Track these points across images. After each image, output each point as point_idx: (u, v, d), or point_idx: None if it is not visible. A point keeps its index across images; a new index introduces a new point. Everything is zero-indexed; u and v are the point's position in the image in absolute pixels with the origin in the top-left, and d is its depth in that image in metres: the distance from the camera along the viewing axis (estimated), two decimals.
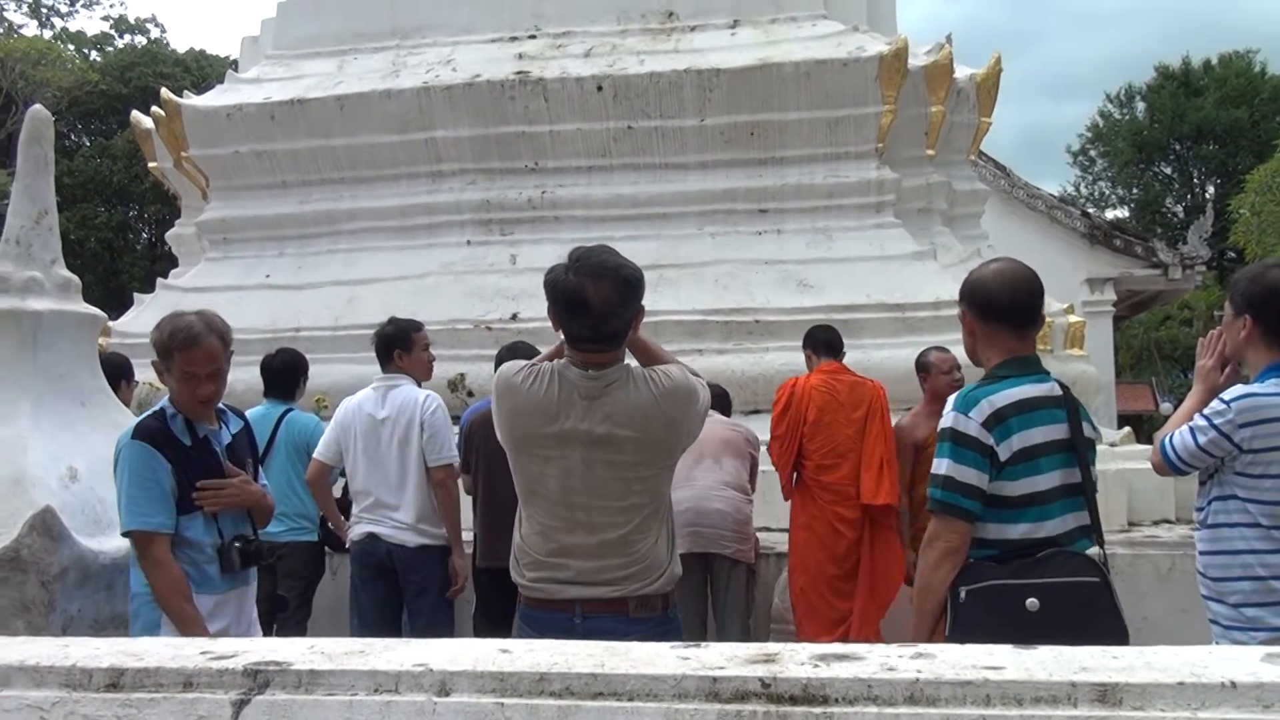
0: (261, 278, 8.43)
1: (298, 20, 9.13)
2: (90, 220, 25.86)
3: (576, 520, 2.82)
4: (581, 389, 2.82)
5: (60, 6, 33.12)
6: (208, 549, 3.22)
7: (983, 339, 2.98)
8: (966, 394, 2.88)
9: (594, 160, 8.16)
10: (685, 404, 2.88)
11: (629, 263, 2.92)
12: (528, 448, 2.88)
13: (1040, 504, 2.79)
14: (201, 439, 3.28)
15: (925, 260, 7.64)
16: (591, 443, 2.79)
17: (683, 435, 2.91)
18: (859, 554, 5.41)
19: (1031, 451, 2.79)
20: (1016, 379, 2.86)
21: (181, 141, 8.60)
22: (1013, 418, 2.79)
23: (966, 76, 8.23)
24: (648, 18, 8.55)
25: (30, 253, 3.87)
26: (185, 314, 3.33)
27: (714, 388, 6.11)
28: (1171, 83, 39.82)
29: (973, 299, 2.99)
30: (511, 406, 2.90)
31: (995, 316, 2.94)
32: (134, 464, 3.11)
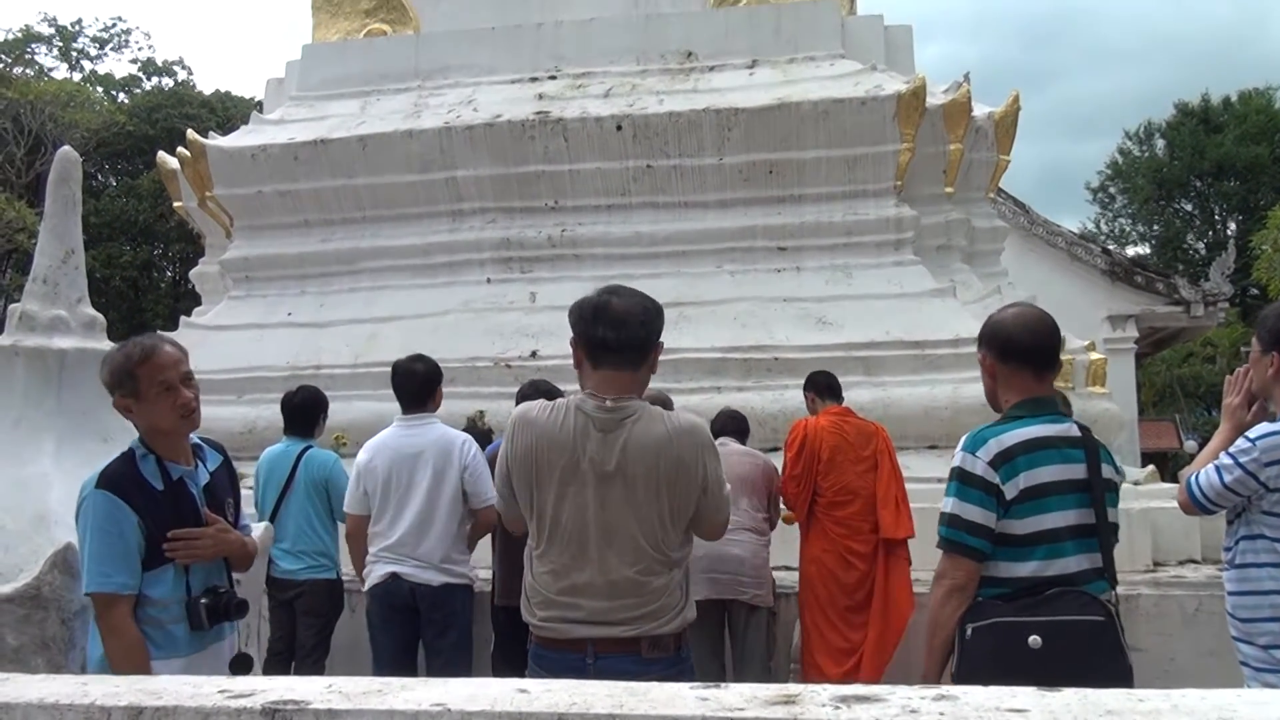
0: (283, 315, 8.50)
1: (322, 62, 9.27)
2: (115, 259, 26.18)
3: (588, 558, 2.80)
4: (597, 421, 2.83)
5: (90, 50, 33.77)
6: (174, 606, 2.90)
7: (1002, 381, 3.00)
8: (976, 434, 2.91)
9: (613, 199, 8.21)
10: (697, 445, 2.87)
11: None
12: (542, 481, 2.86)
13: (1050, 542, 2.79)
14: (175, 481, 2.96)
15: (945, 297, 7.63)
16: (604, 477, 2.79)
17: (694, 476, 2.86)
18: (870, 586, 5.52)
19: (1040, 490, 2.80)
20: (1029, 419, 2.88)
21: (206, 181, 8.72)
22: (1020, 456, 2.81)
23: (985, 114, 8.25)
24: (667, 58, 8.63)
25: (57, 291, 3.91)
26: (125, 342, 3.05)
27: (730, 413, 6.11)
28: (1191, 119, 39.80)
29: (993, 342, 3.01)
30: (527, 439, 2.89)
31: (1015, 359, 2.96)
32: (97, 517, 2.81)
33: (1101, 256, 19.22)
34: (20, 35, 31.48)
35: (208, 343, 8.40)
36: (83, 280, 4.03)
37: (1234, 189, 38.22)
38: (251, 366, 8.09)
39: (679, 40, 8.66)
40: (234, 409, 7.92)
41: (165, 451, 2.96)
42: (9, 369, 3.82)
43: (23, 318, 3.87)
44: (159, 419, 2.94)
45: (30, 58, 31.77)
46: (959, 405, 7.01)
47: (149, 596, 2.87)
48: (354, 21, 9.56)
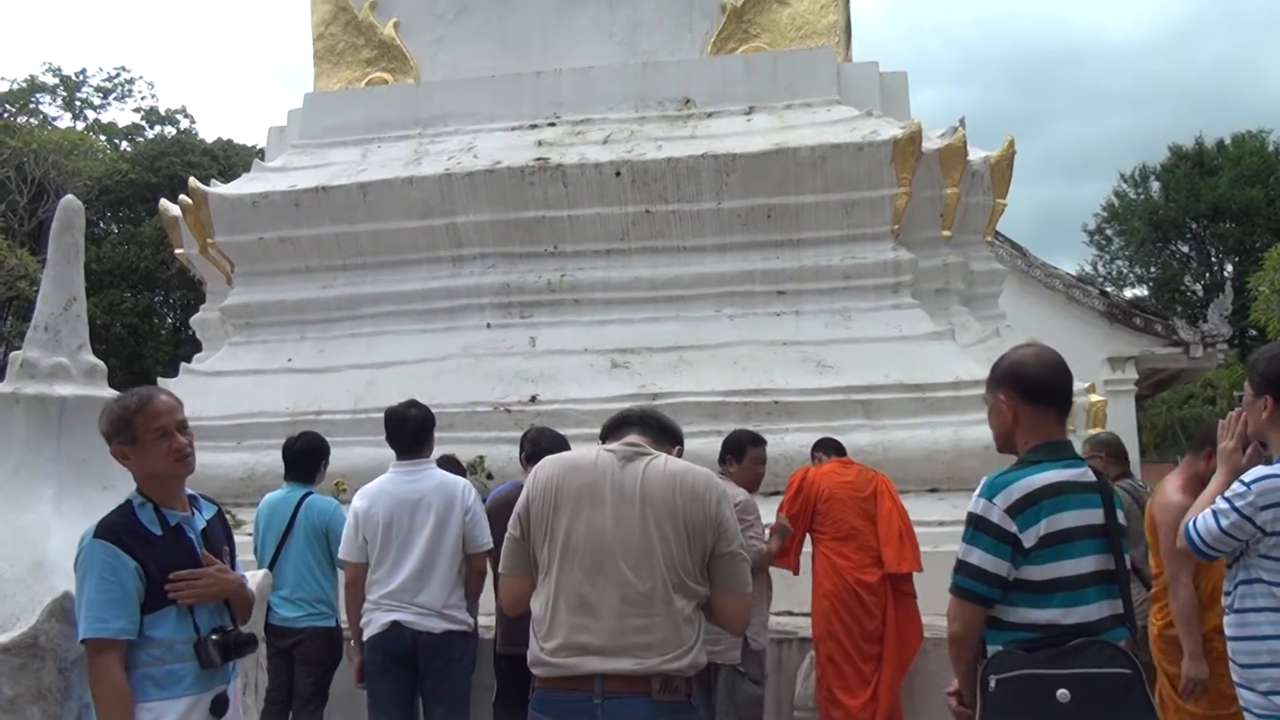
0: (283, 361, 8.51)
1: (324, 111, 9.37)
2: (116, 305, 26.25)
3: (603, 572, 2.81)
4: (619, 453, 2.99)
5: (94, 99, 34.12)
6: (179, 646, 2.98)
7: (1025, 424, 2.92)
8: (995, 479, 2.84)
9: (612, 244, 8.26)
10: (711, 484, 2.97)
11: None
12: (560, 505, 2.92)
13: (1070, 589, 2.74)
14: (173, 527, 3.06)
15: (944, 340, 7.65)
16: (624, 499, 2.88)
17: (708, 509, 2.91)
18: (882, 616, 5.65)
19: (1063, 535, 2.75)
20: (1047, 464, 2.83)
21: (208, 228, 8.77)
22: (1045, 500, 2.76)
23: (980, 159, 8.33)
24: (665, 105, 8.72)
25: (58, 339, 3.92)
26: (123, 393, 3.17)
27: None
28: (1185, 162, 40.10)
29: (1016, 383, 2.93)
30: (550, 471, 3.01)
31: (1041, 401, 2.90)
32: (95, 565, 2.90)
33: (1099, 298, 19.29)
34: (25, 85, 31.83)
35: (208, 389, 8.41)
36: (84, 328, 4.04)
37: (1230, 231, 38.42)
38: (251, 412, 8.09)
39: (676, 87, 8.76)
40: (234, 455, 7.92)
41: (162, 498, 3.06)
42: (9, 416, 3.82)
43: (24, 365, 3.88)
44: (155, 464, 3.05)
45: (35, 107, 32.10)
46: (960, 448, 7.01)
47: (152, 638, 2.94)
48: (355, 70, 9.68)
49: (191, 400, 8.28)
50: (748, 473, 5.52)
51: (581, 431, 6.82)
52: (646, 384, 7.63)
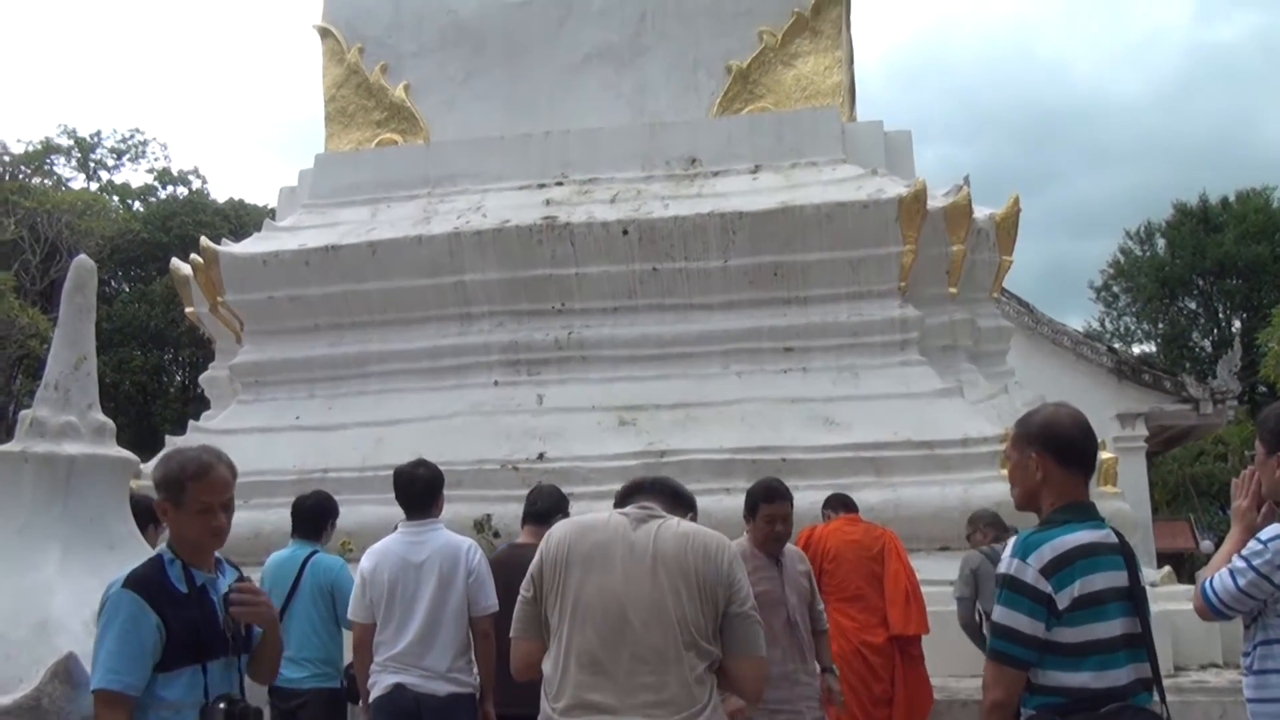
0: (291, 419, 8.52)
1: (334, 171, 9.48)
2: (126, 364, 26.36)
3: (615, 629, 2.79)
4: (632, 515, 3.00)
5: (108, 160, 34.54)
6: (186, 710, 2.96)
7: (1053, 484, 2.88)
8: (1025, 539, 2.80)
9: (620, 301, 8.29)
10: (723, 545, 2.96)
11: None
12: (572, 563, 2.91)
13: (1102, 652, 2.70)
14: (199, 587, 3.10)
15: (952, 397, 7.63)
16: (636, 557, 2.87)
17: (720, 567, 2.89)
18: (890, 678, 5.56)
19: (1094, 598, 2.71)
20: (1075, 524, 2.79)
21: (218, 287, 8.83)
22: (1078, 561, 2.72)
23: (986, 216, 8.37)
24: (671, 164, 8.81)
25: (68, 397, 3.93)
26: (188, 447, 3.25)
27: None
28: (1190, 219, 40.26)
29: (1051, 443, 2.89)
30: (564, 532, 3.02)
31: (1074, 461, 2.88)
32: (120, 616, 2.92)
33: (1108, 355, 19.28)
34: (40, 147, 32.28)
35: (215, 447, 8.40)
36: (94, 386, 4.06)
37: (1237, 287, 38.46)
38: (259, 471, 8.07)
39: (683, 147, 8.85)
40: (241, 514, 7.76)
41: (190, 558, 3.11)
42: (17, 475, 3.82)
43: (33, 424, 3.89)
44: (190, 532, 3.11)
45: (49, 168, 32.52)
46: (970, 506, 6.95)
47: (163, 698, 2.94)
48: (366, 131, 9.81)
49: None
50: (760, 531, 4.95)
51: (589, 489, 6.79)
52: (654, 441, 7.61)
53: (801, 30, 9.05)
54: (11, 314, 21.24)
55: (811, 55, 9.08)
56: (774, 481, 5.05)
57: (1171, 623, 6.50)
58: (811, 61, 9.06)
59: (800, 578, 4.95)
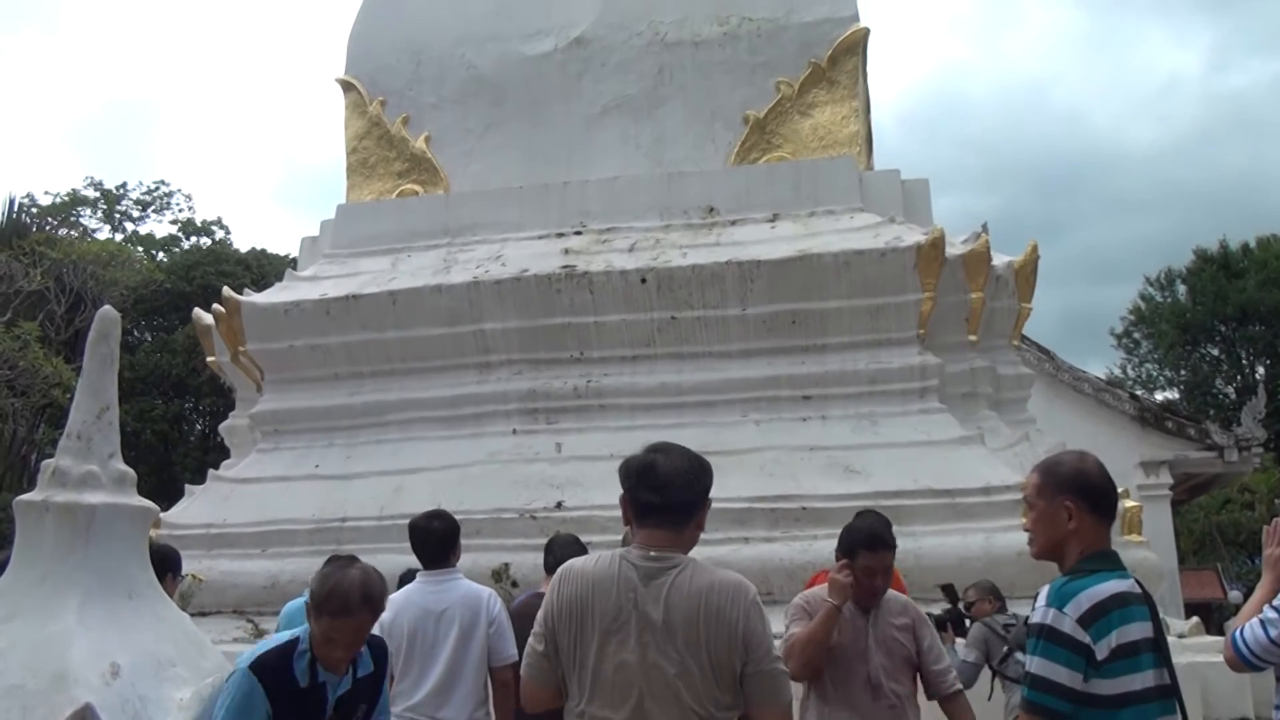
0: (310, 468, 8.53)
1: (355, 221, 9.58)
2: (147, 413, 26.51)
3: (630, 708, 2.73)
4: (642, 570, 2.82)
5: (133, 212, 35.04)
6: None
7: (1085, 532, 2.84)
8: (1060, 588, 2.75)
9: (638, 350, 8.30)
10: (738, 599, 2.81)
11: (696, 452, 3.03)
12: (585, 630, 2.82)
13: (1137, 704, 2.65)
14: (319, 684, 3.26)
15: (973, 445, 7.58)
16: (647, 626, 2.76)
17: (734, 630, 2.78)
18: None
19: (1131, 649, 2.67)
20: (1106, 574, 2.75)
21: (240, 337, 8.90)
22: (1114, 611, 2.68)
23: (1004, 264, 8.36)
24: (689, 213, 8.85)
25: (90, 447, 3.95)
26: (349, 572, 3.28)
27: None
28: (1211, 266, 40.11)
29: (1083, 491, 2.86)
30: (573, 588, 2.88)
31: (1104, 510, 2.85)
32: (237, 695, 3.14)
33: (1130, 402, 19.11)
34: (67, 199, 32.79)
35: (235, 496, 8.43)
36: (116, 436, 4.07)
37: (1259, 333, 38.18)
38: (277, 519, 8.08)
39: (701, 196, 8.90)
40: (258, 563, 7.89)
41: (321, 656, 3.26)
42: (39, 524, 3.83)
43: (55, 473, 3.90)
44: (317, 647, 3.26)
45: (76, 220, 32.99)
46: (992, 555, 6.88)
47: None
48: (387, 182, 9.92)
49: (217, 507, 8.35)
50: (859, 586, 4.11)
51: (607, 538, 6.74)
52: None
53: (818, 81, 9.13)
54: (36, 364, 21.42)
55: (828, 105, 9.15)
56: (878, 525, 4.25)
57: (1201, 675, 6.38)
58: (828, 111, 9.13)
59: (897, 634, 4.14)
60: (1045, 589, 2.80)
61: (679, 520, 2.89)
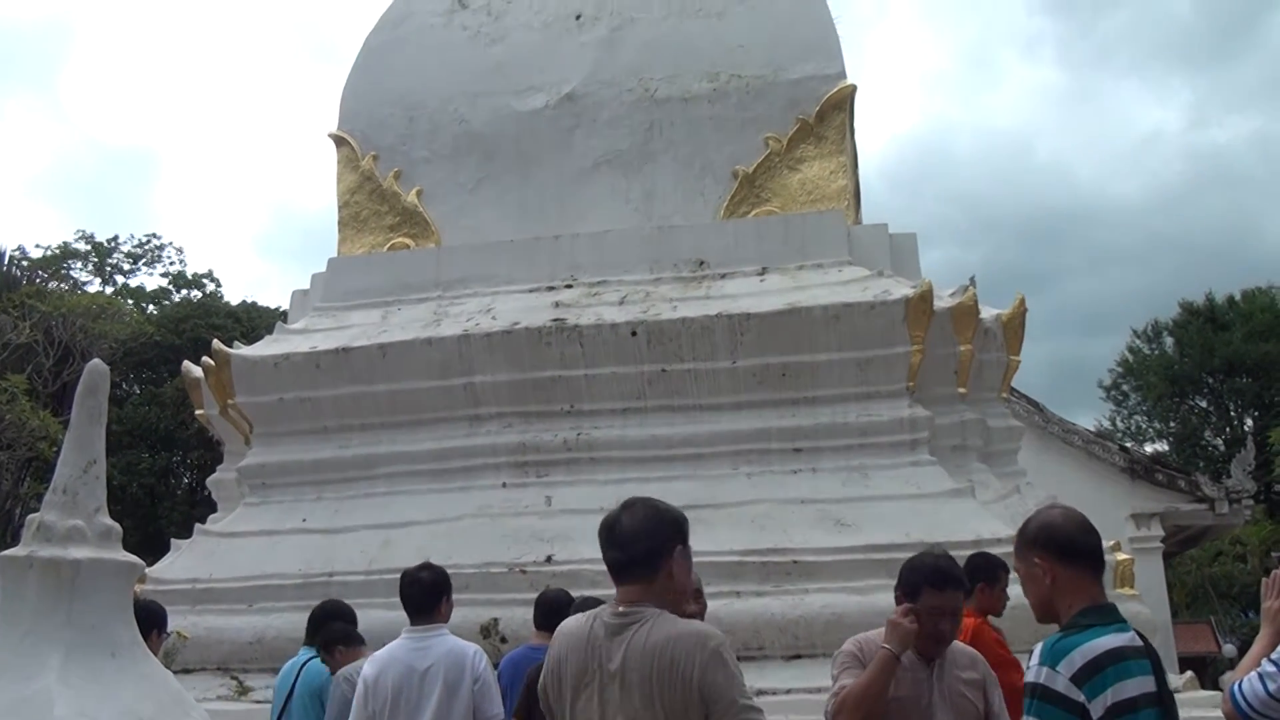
0: (298, 522, 8.46)
1: (346, 274, 9.60)
2: (134, 466, 26.32)
3: None
4: (609, 626, 2.89)
5: (124, 265, 35.07)
6: None
7: (1063, 585, 2.82)
8: (1053, 645, 2.72)
9: (629, 402, 8.29)
10: (695, 649, 2.78)
11: (668, 505, 3.06)
12: (563, 687, 2.91)
13: None
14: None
15: (964, 498, 7.56)
16: (609, 680, 2.80)
17: (689, 682, 2.75)
18: None
19: (1128, 705, 2.63)
20: (1100, 628, 2.72)
21: (229, 389, 8.87)
22: (1109, 668, 2.64)
23: (992, 316, 8.41)
24: (679, 266, 8.90)
25: (75, 501, 3.93)
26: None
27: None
28: (1197, 318, 40.41)
29: (1050, 545, 2.85)
30: (557, 648, 3.00)
31: (1079, 560, 2.83)
32: None
33: (1120, 454, 19.14)
34: (58, 252, 32.81)
35: (221, 550, 8.35)
36: (102, 490, 4.05)
37: (1247, 386, 38.37)
38: (264, 574, 8.00)
39: (690, 249, 8.96)
40: (244, 619, 7.79)
41: None
42: (22, 580, 3.79)
43: (40, 528, 3.88)
44: None
45: (66, 273, 33.00)
46: None
47: None
48: (379, 236, 9.96)
49: (203, 562, 8.27)
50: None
51: (598, 592, 6.68)
52: None
53: (806, 136, 9.24)
54: (23, 417, 21.32)
55: (816, 160, 9.24)
56: (944, 560, 3.77)
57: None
58: (816, 166, 9.23)
59: (965, 689, 3.67)
60: (1039, 646, 2.77)
61: (645, 573, 2.93)
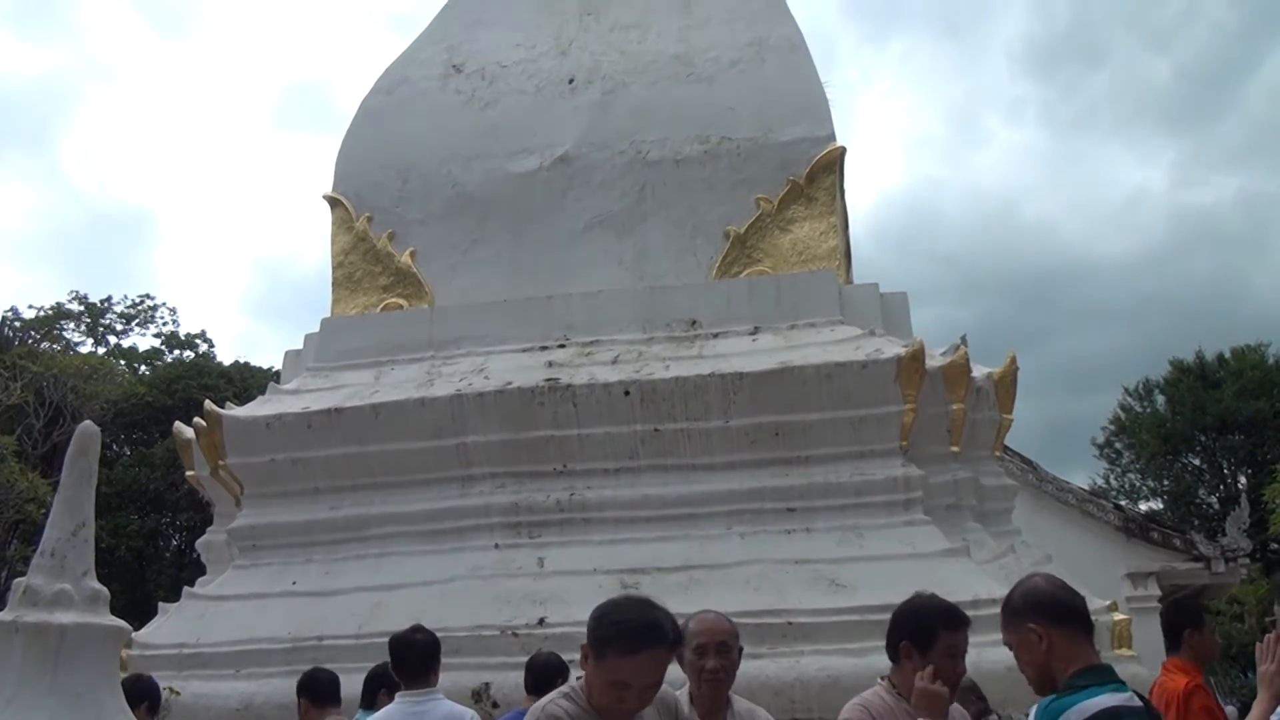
0: (288, 584, 8.37)
1: (340, 335, 9.61)
2: (123, 528, 26.09)
3: None
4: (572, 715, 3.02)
5: (117, 325, 35.11)
6: None
7: (1059, 648, 2.81)
8: (1048, 706, 2.71)
9: (622, 462, 8.27)
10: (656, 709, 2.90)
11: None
12: None
13: None
14: None
15: (959, 557, 7.52)
16: None
17: None
18: None
19: None
20: (1097, 688, 2.70)
21: (220, 450, 8.83)
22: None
23: (984, 375, 8.43)
24: (672, 326, 8.93)
25: (63, 565, 3.89)
26: None
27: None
28: (1188, 376, 40.59)
29: (1043, 609, 2.86)
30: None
31: (1071, 620, 2.83)
32: None
33: (1114, 512, 19.11)
34: (51, 312, 32.85)
35: (209, 614, 8.25)
36: (90, 553, 4.02)
37: (1239, 443, 38.44)
38: (252, 638, 7.89)
39: (683, 309, 9.00)
40: (231, 684, 7.67)
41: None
42: (7, 645, 3.74)
43: (27, 592, 3.84)
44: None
45: (59, 333, 33.00)
46: (981, 670, 6.73)
47: None
48: (372, 296, 9.99)
49: (191, 626, 8.16)
50: (939, 668, 3.48)
51: None
52: None
53: (797, 197, 9.33)
54: (11, 478, 21.17)
55: (807, 220, 9.33)
56: (940, 599, 3.81)
57: None
58: (807, 227, 9.31)
59: None
60: (1034, 708, 2.75)
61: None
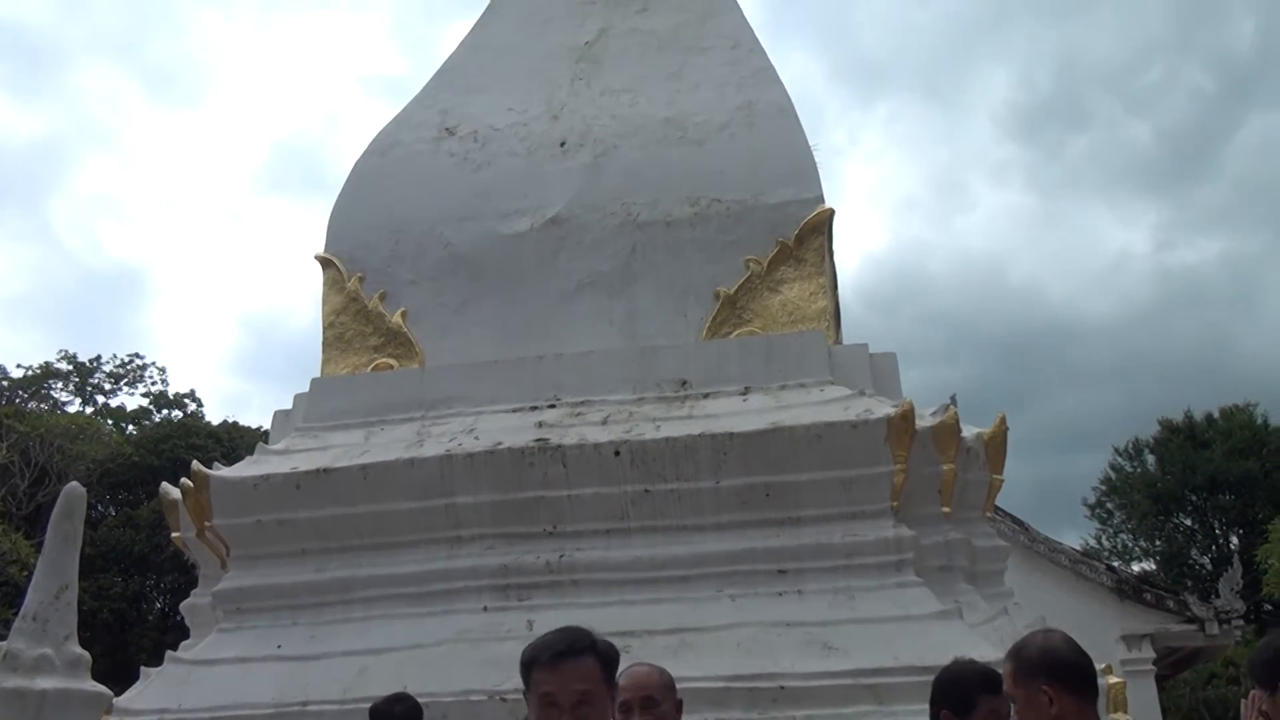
0: (272, 648, 8.26)
1: (329, 395, 9.59)
2: (106, 590, 25.76)
3: None
4: None
5: (105, 385, 34.99)
6: None
7: (1067, 714, 2.77)
8: None
9: (612, 523, 8.22)
10: None
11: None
12: None
13: None
14: None
15: (951, 619, 7.47)
16: None
17: None
18: None
19: None
20: None
21: (206, 511, 8.75)
22: None
23: (974, 435, 8.44)
24: (662, 386, 8.94)
25: (45, 629, 3.85)
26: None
27: None
28: (1178, 436, 40.73)
29: (1057, 671, 2.80)
30: None
31: (1081, 686, 2.78)
32: None
33: (1107, 574, 19.04)
34: (39, 372, 32.75)
35: (192, 678, 8.11)
36: (73, 617, 3.98)
37: (1230, 503, 38.46)
38: (235, 704, 7.76)
39: (673, 370, 9.01)
40: None
41: None
42: None
43: (7, 656, 3.79)
44: None
45: (46, 393, 32.87)
46: None
47: None
48: (362, 356, 9.99)
49: (173, 691, 8.03)
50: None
51: None
52: None
53: (786, 259, 9.41)
54: None
55: (796, 282, 9.40)
56: (985, 667, 3.82)
57: None
58: (796, 288, 9.37)
59: None
60: None
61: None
